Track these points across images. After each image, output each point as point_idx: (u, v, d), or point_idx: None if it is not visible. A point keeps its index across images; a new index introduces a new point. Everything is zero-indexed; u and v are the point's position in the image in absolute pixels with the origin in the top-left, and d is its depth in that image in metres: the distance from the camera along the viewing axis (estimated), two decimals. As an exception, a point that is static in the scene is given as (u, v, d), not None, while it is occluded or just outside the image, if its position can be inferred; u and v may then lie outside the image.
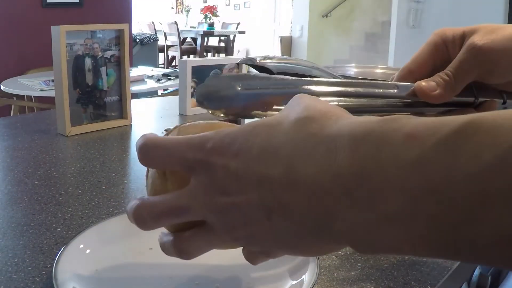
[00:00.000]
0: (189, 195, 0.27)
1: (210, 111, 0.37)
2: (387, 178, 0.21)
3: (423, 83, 0.43)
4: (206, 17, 7.70)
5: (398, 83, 0.43)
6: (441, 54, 0.46)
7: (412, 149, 0.21)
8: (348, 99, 0.43)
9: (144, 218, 0.28)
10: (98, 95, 1.01)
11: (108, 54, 1.01)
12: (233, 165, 0.25)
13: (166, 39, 7.21)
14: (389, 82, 0.43)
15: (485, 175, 0.19)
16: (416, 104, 0.43)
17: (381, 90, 0.42)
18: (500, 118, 0.20)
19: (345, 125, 0.24)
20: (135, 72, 2.89)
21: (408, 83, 0.43)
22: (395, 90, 0.42)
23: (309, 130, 0.24)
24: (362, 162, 0.22)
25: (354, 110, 0.45)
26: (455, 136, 0.20)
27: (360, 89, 0.41)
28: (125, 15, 3.75)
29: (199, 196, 0.27)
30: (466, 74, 0.43)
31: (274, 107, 0.37)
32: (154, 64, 5.05)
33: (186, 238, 0.28)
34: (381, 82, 0.43)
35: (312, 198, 0.23)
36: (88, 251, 0.47)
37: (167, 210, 0.28)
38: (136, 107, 1.22)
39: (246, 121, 0.35)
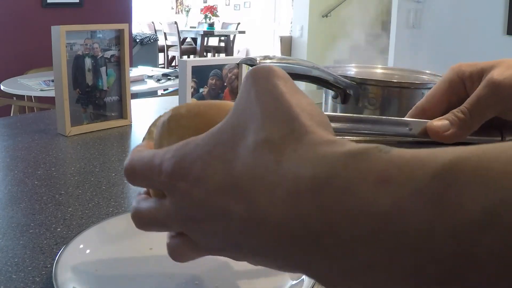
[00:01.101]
0: (166, 214, 0.27)
1: None
2: (358, 228, 0.19)
3: (435, 122, 0.40)
4: (206, 17, 7.70)
5: (411, 119, 0.40)
6: (457, 91, 0.43)
7: (385, 197, 0.19)
8: (355, 137, 0.41)
9: (137, 224, 0.29)
10: (98, 95, 1.01)
11: (108, 54, 1.01)
12: (196, 193, 0.24)
13: (166, 39, 7.21)
14: (402, 119, 0.40)
15: (472, 232, 0.17)
16: (430, 143, 0.40)
17: (391, 128, 0.39)
18: (486, 159, 0.17)
19: (306, 161, 0.21)
20: (135, 72, 2.89)
21: (422, 120, 0.41)
22: (407, 128, 0.39)
23: (266, 163, 0.22)
24: (329, 209, 0.20)
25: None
26: (435, 183, 0.18)
27: (369, 126, 0.39)
28: (125, 15, 3.75)
29: (174, 216, 0.26)
30: (484, 111, 0.40)
31: None
32: (154, 64, 5.06)
33: (172, 245, 0.28)
34: (393, 118, 0.40)
35: (280, 242, 0.22)
36: (88, 251, 0.47)
37: (152, 223, 0.28)
38: (136, 107, 1.22)
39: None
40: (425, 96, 0.44)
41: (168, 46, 7.30)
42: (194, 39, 7.37)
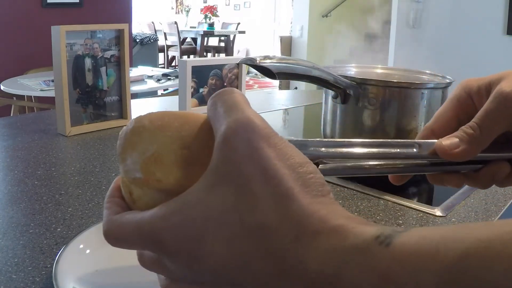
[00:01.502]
0: (169, 272, 0.27)
1: None
2: None
3: (443, 141, 0.37)
4: (206, 17, 7.70)
5: (419, 141, 0.38)
6: (465, 108, 0.40)
7: None
8: (361, 163, 0.39)
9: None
10: (98, 95, 1.01)
11: (108, 54, 1.01)
12: (196, 268, 0.24)
13: (166, 39, 7.21)
14: (409, 141, 0.38)
15: None
16: (442, 162, 0.38)
17: (398, 150, 0.37)
18: (489, 258, 0.19)
19: (312, 257, 0.22)
20: (135, 72, 2.90)
21: (430, 141, 0.38)
22: (415, 150, 0.37)
23: (271, 251, 0.22)
24: None
25: (374, 173, 0.41)
26: (439, 286, 0.19)
27: (374, 150, 0.36)
28: (125, 15, 3.75)
29: (177, 275, 0.27)
30: (494, 125, 0.38)
31: None
32: (154, 64, 5.06)
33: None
34: (401, 140, 0.38)
35: None
36: (88, 251, 0.47)
37: (151, 269, 0.30)
38: (136, 107, 1.22)
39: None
40: (433, 116, 0.42)
41: (168, 46, 7.30)
42: (194, 39, 7.37)
